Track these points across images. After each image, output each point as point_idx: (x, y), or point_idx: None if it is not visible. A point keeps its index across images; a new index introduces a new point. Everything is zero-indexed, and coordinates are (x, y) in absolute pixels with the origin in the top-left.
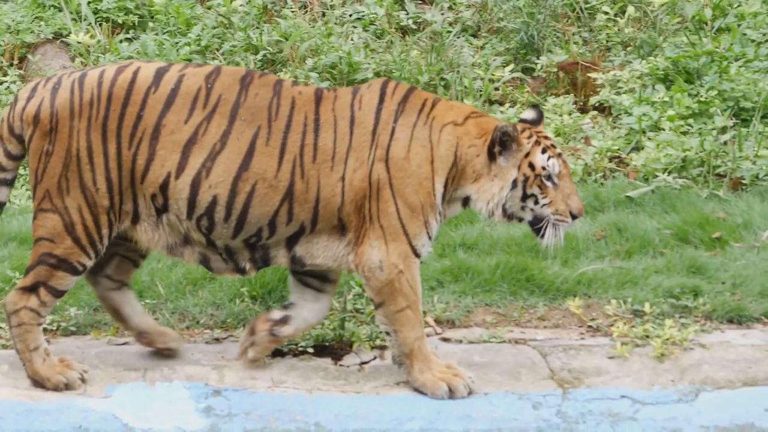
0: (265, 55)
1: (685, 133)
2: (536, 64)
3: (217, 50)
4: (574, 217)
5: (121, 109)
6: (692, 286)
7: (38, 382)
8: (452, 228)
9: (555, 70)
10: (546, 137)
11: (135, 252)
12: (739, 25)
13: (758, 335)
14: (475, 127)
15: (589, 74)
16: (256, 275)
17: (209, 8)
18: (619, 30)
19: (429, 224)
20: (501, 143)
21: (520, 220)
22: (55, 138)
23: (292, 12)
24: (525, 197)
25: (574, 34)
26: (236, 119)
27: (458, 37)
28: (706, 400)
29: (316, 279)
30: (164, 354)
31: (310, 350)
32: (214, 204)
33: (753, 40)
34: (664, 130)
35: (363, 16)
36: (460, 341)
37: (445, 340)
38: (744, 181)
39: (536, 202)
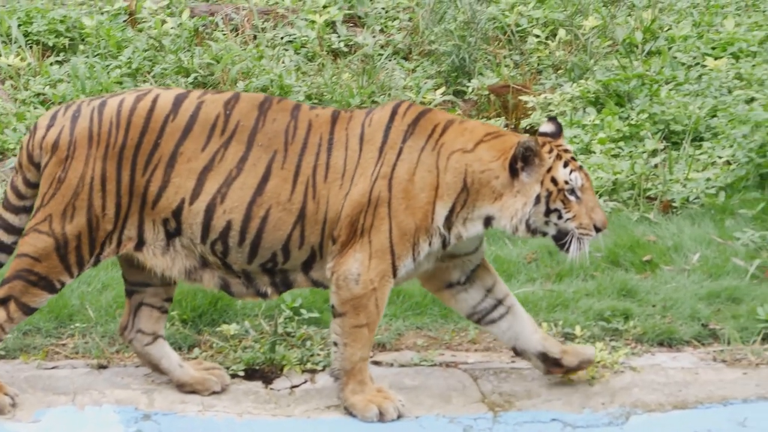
0: (196, 78)
1: (615, 156)
2: (467, 87)
3: (149, 73)
4: (598, 230)
5: (138, 137)
6: (623, 309)
7: None
8: None
9: (486, 93)
10: (566, 150)
11: (157, 297)
12: (669, 48)
13: (688, 358)
14: (487, 151)
15: (520, 97)
16: (188, 299)
17: (140, 31)
18: (550, 53)
19: (418, 246)
20: (523, 159)
21: (544, 234)
22: (70, 165)
23: (224, 35)
24: (548, 212)
25: (505, 57)
26: (254, 145)
27: (389, 60)
28: (636, 424)
29: (494, 311)
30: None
31: (241, 374)
32: (228, 229)
33: (683, 63)
34: (594, 153)
35: (294, 38)
36: (391, 364)
37: (376, 363)
38: (674, 204)
39: (560, 217)
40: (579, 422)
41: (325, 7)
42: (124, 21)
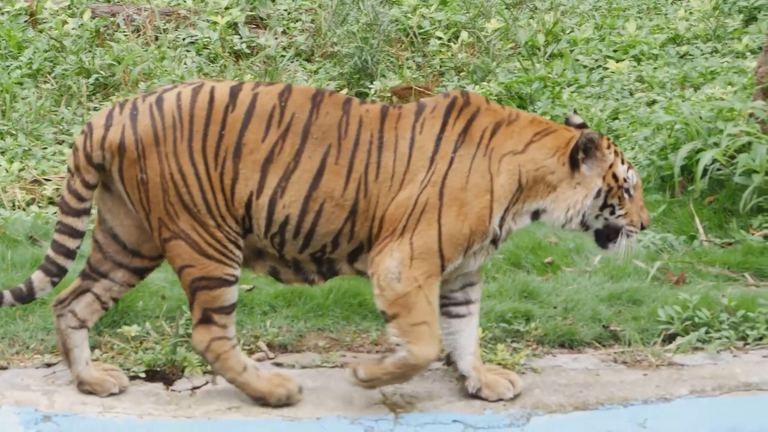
0: (97, 79)
1: None
2: (370, 88)
3: (49, 74)
4: (642, 228)
5: (203, 129)
6: (524, 311)
7: (262, 400)
8: None
9: (389, 94)
10: (617, 147)
11: (109, 292)
12: (571, 51)
13: (589, 359)
14: (539, 151)
15: (422, 99)
16: None
17: (41, 31)
18: (452, 55)
19: (471, 248)
20: (584, 150)
21: (587, 229)
22: (146, 165)
23: (125, 36)
24: (604, 207)
25: (407, 59)
26: (309, 138)
27: (292, 62)
28: (537, 425)
29: (462, 305)
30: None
31: (142, 375)
32: (286, 223)
33: (585, 66)
34: None
35: (196, 40)
36: (293, 366)
37: (278, 365)
38: None
39: (612, 213)
40: (480, 423)
41: (227, 8)
42: (25, 21)
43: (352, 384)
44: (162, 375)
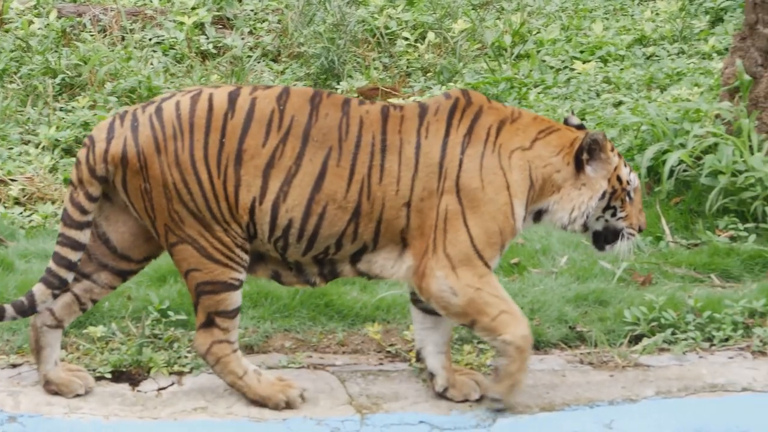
0: (63, 79)
1: None
2: (337, 89)
3: (15, 74)
4: (640, 230)
5: (204, 137)
6: None
7: (260, 403)
8: None
9: (355, 95)
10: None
11: (89, 294)
12: (538, 52)
13: (556, 360)
14: (545, 148)
15: (389, 100)
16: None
17: (7, 31)
18: (419, 56)
19: (504, 246)
20: (589, 151)
21: (586, 230)
22: (148, 175)
23: (91, 36)
24: (606, 209)
25: (374, 60)
26: (309, 141)
27: (258, 62)
28: (503, 426)
29: None
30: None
31: (108, 376)
32: (289, 227)
33: (552, 67)
34: None
35: (163, 40)
36: (259, 366)
37: None
38: None
39: (613, 215)
40: (446, 424)
41: (193, 8)
42: None
43: (495, 410)
44: (128, 376)
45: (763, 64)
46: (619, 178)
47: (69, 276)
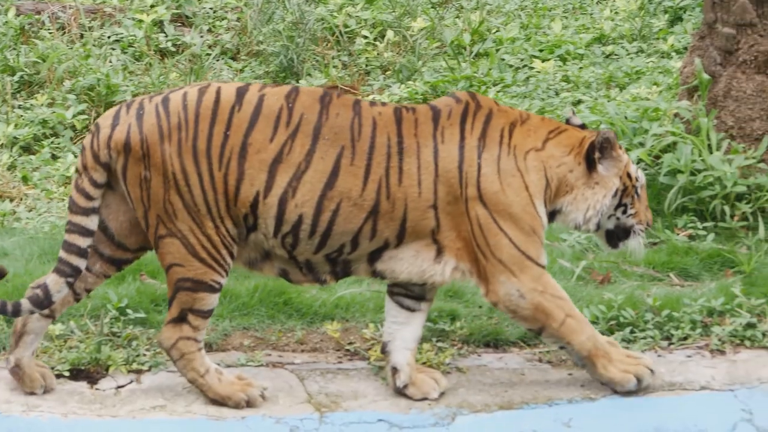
0: (22, 77)
1: None
2: None
3: None
4: (648, 226)
5: (208, 129)
6: (449, 310)
7: (220, 403)
8: None
9: None
10: None
11: (83, 283)
12: (497, 50)
13: (514, 359)
14: (556, 147)
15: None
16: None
17: None
18: (378, 54)
19: (543, 241)
20: (600, 150)
21: (598, 229)
22: (150, 163)
23: (50, 33)
24: (617, 207)
25: (333, 58)
26: (319, 139)
27: (217, 60)
28: (462, 424)
29: (415, 300)
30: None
31: (66, 374)
32: (300, 222)
33: (511, 66)
34: None
35: (122, 38)
36: (219, 365)
37: None
38: None
39: (624, 212)
40: (405, 423)
41: (152, 6)
42: None
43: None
44: (86, 374)
45: (721, 63)
46: (629, 175)
47: (81, 263)
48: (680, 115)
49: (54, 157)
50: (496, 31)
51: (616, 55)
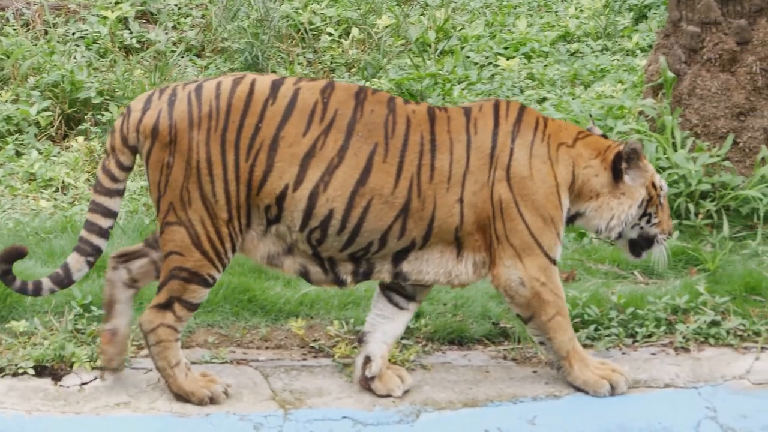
0: None
1: None
2: None
3: None
4: (669, 235)
5: (240, 120)
6: None
7: (183, 398)
8: None
9: None
10: None
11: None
12: (462, 48)
13: (479, 356)
14: (585, 148)
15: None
16: None
17: None
18: (343, 51)
19: (560, 235)
20: (627, 160)
21: (619, 238)
22: (175, 149)
23: (14, 30)
24: (642, 216)
25: (298, 55)
26: (353, 135)
27: (182, 57)
28: (426, 421)
29: (405, 298)
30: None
31: (30, 371)
32: (329, 218)
33: (476, 63)
34: None
35: (86, 34)
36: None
37: None
38: None
39: (648, 222)
40: (370, 420)
41: (117, 3)
42: None
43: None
44: (50, 371)
45: (686, 62)
46: (654, 185)
47: (101, 243)
48: (645, 113)
49: (18, 154)
50: (461, 28)
51: (581, 52)
